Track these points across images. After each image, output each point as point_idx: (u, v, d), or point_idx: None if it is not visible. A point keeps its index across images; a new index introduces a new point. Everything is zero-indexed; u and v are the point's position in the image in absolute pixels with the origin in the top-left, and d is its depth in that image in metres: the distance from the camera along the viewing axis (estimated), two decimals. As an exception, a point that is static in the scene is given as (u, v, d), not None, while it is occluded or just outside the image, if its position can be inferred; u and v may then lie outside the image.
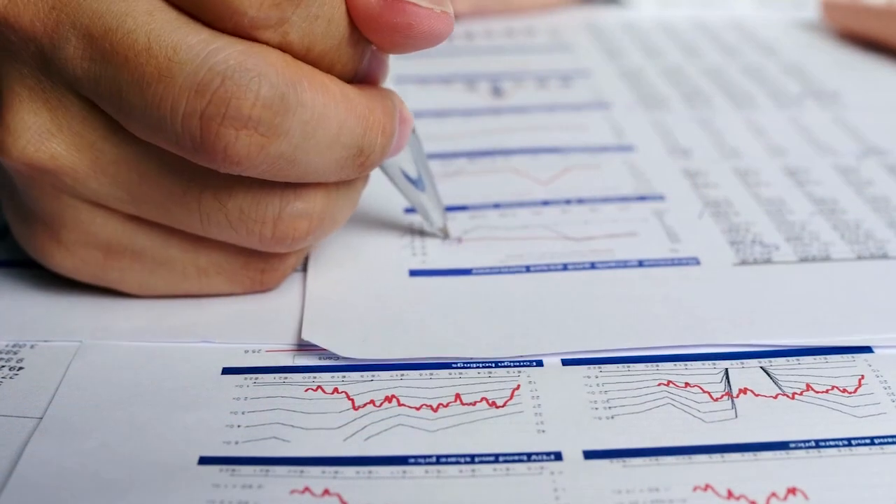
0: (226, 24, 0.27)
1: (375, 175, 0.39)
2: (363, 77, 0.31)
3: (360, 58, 0.30)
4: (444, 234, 0.37)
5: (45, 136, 0.29)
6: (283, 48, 0.28)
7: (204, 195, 0.30)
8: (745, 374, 0.29)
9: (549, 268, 0.35)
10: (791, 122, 0.46)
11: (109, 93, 0.28)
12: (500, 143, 0.44)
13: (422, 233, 0.37)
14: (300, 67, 0.28)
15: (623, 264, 0.35)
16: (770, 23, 0.60)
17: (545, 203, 0.39)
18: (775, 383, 0.29)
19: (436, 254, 0.36)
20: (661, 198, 0.39)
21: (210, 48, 0.27)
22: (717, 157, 0.43)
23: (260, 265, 0.33)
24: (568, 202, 0.39)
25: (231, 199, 0.30)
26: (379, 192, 0.40)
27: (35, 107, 0.29)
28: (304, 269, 0.35)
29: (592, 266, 0.35)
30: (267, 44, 0.28)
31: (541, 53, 0.56)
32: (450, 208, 0.38)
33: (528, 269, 0.35)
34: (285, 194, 0.30)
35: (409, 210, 0.38)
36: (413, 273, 0.35)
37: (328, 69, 0.29)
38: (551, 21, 0.61)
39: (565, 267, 0.35)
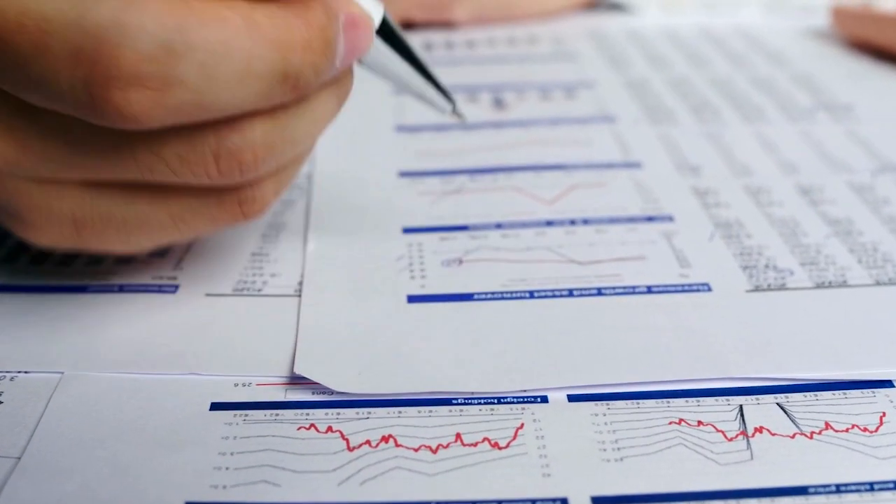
0: None
1: (370, 190, 0.38)
2: None
3: None
4: (460, 118, 0.35)
5: None
6: None
7: (137, 150, 0.28)
8: (761, 410, 0.28)
9: (553, 294, 0.33)
10: (803, 137, 0.44)
11: (1, 75, 0.27)
12: (502, 160, 0.42)
13: (420, 253, 0.35)
14: (187, 7, 0.26)
15: (631, 290, 0.33)
16: (778, 31, 0.59)
17: (549, 223, 0.37)
18: (792, 421, 0.28)
19: (435, 276, 0.34)
20: (669, 218, 0.37)
21: (81, 8, 0.25)
22: (727, 174, 0.41)
23: (235, 199, 0.31)
24: (573, 223, 0.37)
25: (165, 148, 0.28)
26: (375, 210, 0.39)
27: None
28: (299, 293, 0.33)
29: (599, 292, 0.33)
30: None
31: (544, 63, 0.54)
32: (449, 228, 0.37)
33: (531, 294, 0.33)
34: (220, 130, 0.28)
35: (409, 230, 0.37)
36: (411, 299, 0.33)
37: None
38: (554, 28, 0.59)
39: (571, 293, 0.33)
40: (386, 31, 0.33)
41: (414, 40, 0.42)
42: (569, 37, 0.58)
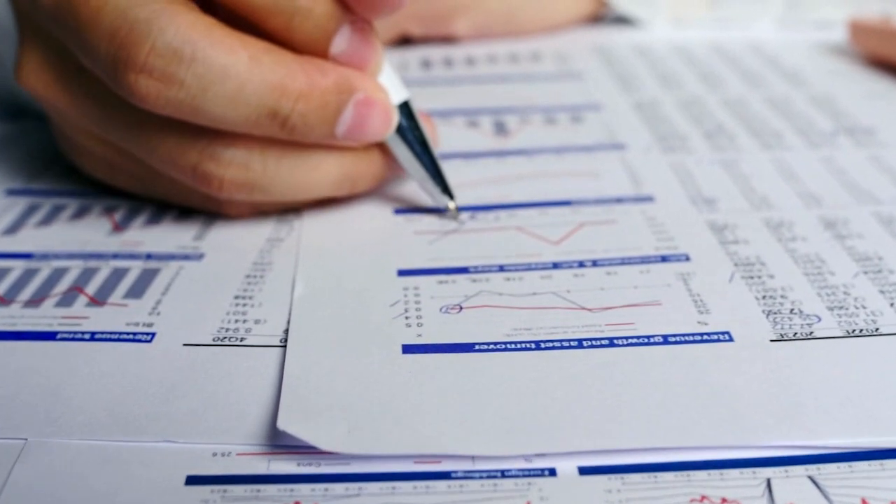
0: None
1: (363, 229, 0.38)
2: (342, 58, 0.35)
3: (329, 21, 0.34)
4: (455, 219, 0.38)
5: (40, 68, 0.36)
6: (233, 5, 0.33)
7: (141, 136, 0.35)
8: (791, 485, 0.25)
9: (561, 345, 0.30)
10: (824, 164, 0.42)
11: (64, 34, 0.34)
12: (505, 195, 0.40)
13: (417, 298, 0.33)
14: (208, 29, 0.33)
15: (646, 340, 0.31)
16: (792, 46, 0.56)
17: (555, 266, 0.35)
18: (826, 498, 0.25)
19: (433, 324, 0.32)
20: (685, 258, 0.35)
21: (131, 2, 0.32)
22: (745, 206, 0.38)
23: (215, 199, 0.37)
24: (581, 265, 0.35)
25: (161, 145, 0.35)
26: (369, 250, 0.36)
27: (34, 46, 0.36)
28: (285, 342, 0.31)
29: (611, 343, 0.30)
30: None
31: (548, 82, 0.51)
32: (448, 271, 0.34)
33: (537, 345, 0.30)
34: (203, 152, 0.35)
35: (404, 272, 0.34)
36: (407, 349, 0.30)
37: (286, 27, 0.34)
38: (559, 44, 0.57)
39: (580, 344, 0.30)
40: (405, 113, 0.37)
41: (411, 56, 0.40)
42: (574, 53, 0.55)
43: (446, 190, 0.38)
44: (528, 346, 0.30)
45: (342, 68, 0.35)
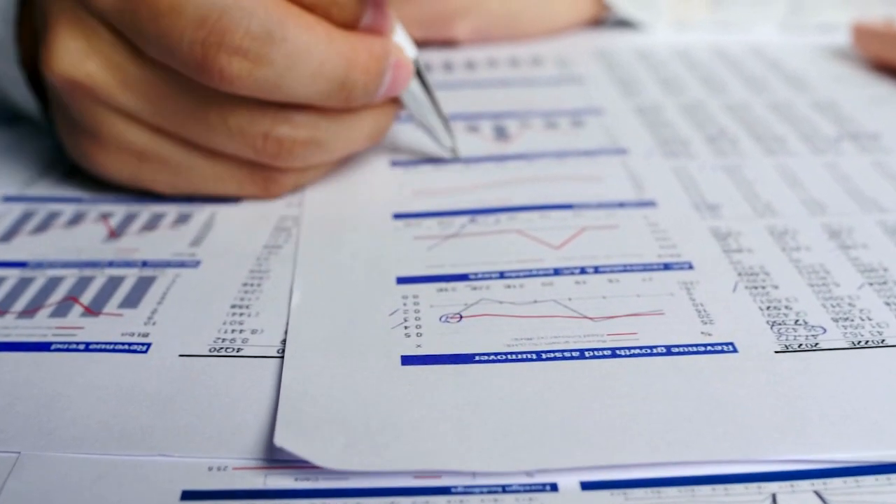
0: None
1: (361, 234, 0.37)
2: (367, 28, 0.37)
3: (358, 7, 0.36)
4: (454, 154, 0.42)
5: (82, 58, 0.36)
6: None
7: (211, 110, 0.36)
8: (796, 499, 0.25)
9: (563, 355, 0.30)
10: (828, 170, 0.41)
11: (131, 23, 0.35)
12: (505, 199, 0.39)
13: (416, 306, 0.32)
14: (289, 9, 0.34)
15: (649, 351, 0.30)
16: (795, 50, 0.56)
17: (557, 272, 0.34)
18: (833, 513, 0.25)
19: (433, 334, 0.31)
20: (688, 266, 0.34)
21: None
22: (749, 213, 0.38)
23: (263, 175, 0.39)
24: (583, 271, 0.34)
25: (231, 117, 0.36)
26: (367, 257, 0.36)
27: (73, 33, 0.36)
28: (282, 353, 0.30)
29: (613, 353, 0.30)
30: None
31: (549, 86, 0.51)
32: (448, 278, 0.34)
33: (539, 355, 0.30)
34: (276, 117, 0.36)
35: (403, 280, 0.34)
36: (406, 360, 0.30)
37: (325, 14, 0.35)
38: (559, 48, 0.56)
39: (582, 354, 0.30)
40: (415, 70, 0.40)
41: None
42: (575, 57, 0.55)
43: (448, 129, 0.41)
44: (528, 356, 0.30)
45: (377, 37, 0.37)
